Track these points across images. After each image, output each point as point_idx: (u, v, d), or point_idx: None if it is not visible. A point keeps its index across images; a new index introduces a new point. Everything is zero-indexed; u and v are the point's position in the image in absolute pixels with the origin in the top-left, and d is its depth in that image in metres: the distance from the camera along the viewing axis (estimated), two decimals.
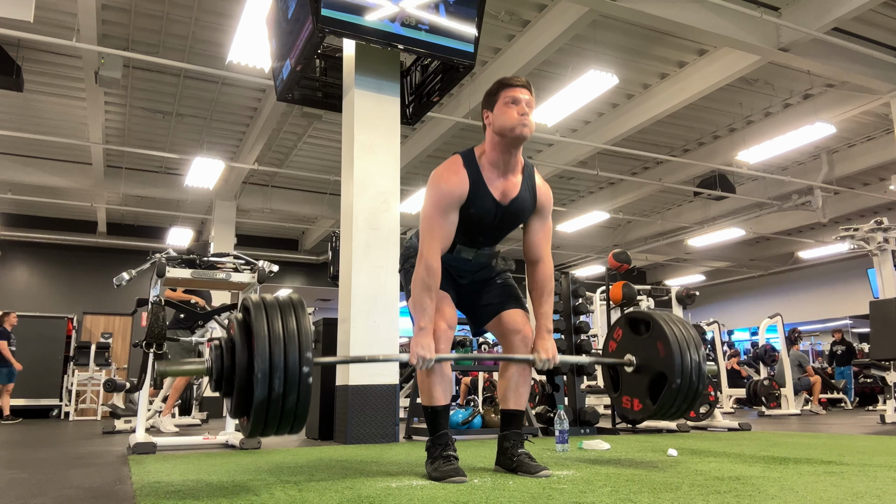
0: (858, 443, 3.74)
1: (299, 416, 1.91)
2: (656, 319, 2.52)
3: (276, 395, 1.84)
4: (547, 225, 2.51)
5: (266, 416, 1.86)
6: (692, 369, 2.39)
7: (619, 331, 2.69)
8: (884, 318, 5.91)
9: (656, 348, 2.47)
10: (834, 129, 8.34)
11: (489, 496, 1.86)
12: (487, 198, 2.35)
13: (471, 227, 2.40)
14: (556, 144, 9.76)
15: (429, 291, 2.27)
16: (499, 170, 2.38)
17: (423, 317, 2.26)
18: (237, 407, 1.97)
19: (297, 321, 1.95)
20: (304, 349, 1.90)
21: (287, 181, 11.22)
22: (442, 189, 2.31)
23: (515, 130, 2.29)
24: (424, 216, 2.34)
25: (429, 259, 2.27)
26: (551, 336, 2.44)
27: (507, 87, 2.34)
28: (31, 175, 9.83)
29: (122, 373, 11.92)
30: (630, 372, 2.56)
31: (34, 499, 2.03)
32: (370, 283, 4.55)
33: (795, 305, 15.78)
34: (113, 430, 5.95)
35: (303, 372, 1.88)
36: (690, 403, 2.45)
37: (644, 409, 2.49)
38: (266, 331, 1.90)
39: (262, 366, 1.84)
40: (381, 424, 4.36)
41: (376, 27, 4.32)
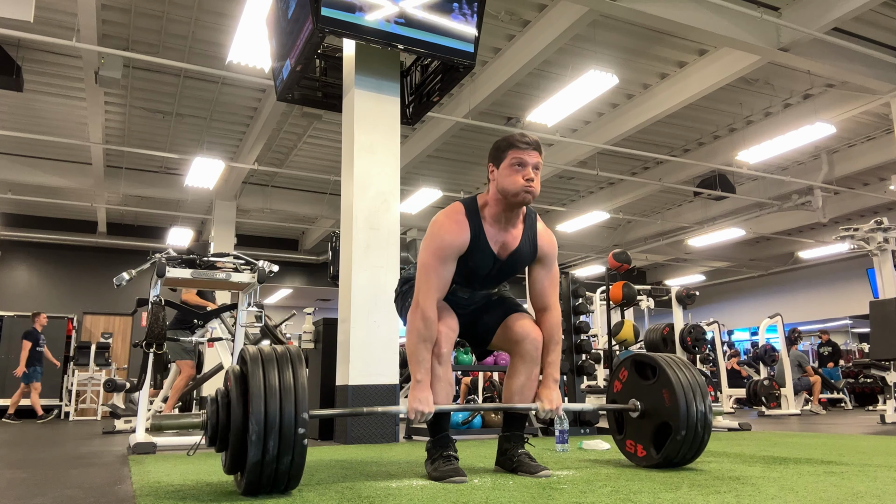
0: (858, 443, 3.74)
1: (293, 478, 1.89)
2: (662, 367, 2.47)
3: (270, 457, 1.82)
4: (552, 273, 2.46)
5: (260, 478, 1.85)
6: (698, 420, 2.36)
7: (625, 372, 2.65)
8: (884, 318, 5.91)
9: (661, 396, 2.44)
10: (834, 129, 8.34)
11: (489, 496, 1.86)
12: (486, 252, 2.33)
13: (468, 276, 2.38)
14: (556, 144, 9.76)
15: (425, 343, 2.24)
16: (500, 224, 2.34)
17: (420, 369, 2.23)
18: (231, 464, 1.96)
19: (294, 376, 1.91)
20: (301, 408, 1.87)
21: (287, 181, 11.22)
22: (444, 239, 2.28)
23: (518, 196, 2.26)
24: (423, 264, 2.30)
25: (425, 310, 2.24)
26: (556, 386, 2.39)
27: (515, 149, 2.28)
28: (31, 175, 9.83)
29: (122, 373, 11.93)
30: (635, 417, 2.53)
31: (34, 499, 2.03)
32: (370, 283, 4.55)
33: (795, 305, 15.78)
34: (113, 430, 5.95)
35: (298, 433, 1.85)
36: (696, 453, 2.44)
37: (648, 458, 2.47)
38: (262, 388, 1.86)
39: (256, 427, 1.81)
40: (381, 424, 4.36)
41: (376, 27, 4.32)
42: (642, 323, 11.11)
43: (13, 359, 10.41)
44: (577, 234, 13.47)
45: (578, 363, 5.13)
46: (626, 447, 2.60)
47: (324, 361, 4.90)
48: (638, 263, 15.47)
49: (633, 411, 2.53)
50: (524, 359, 2.40)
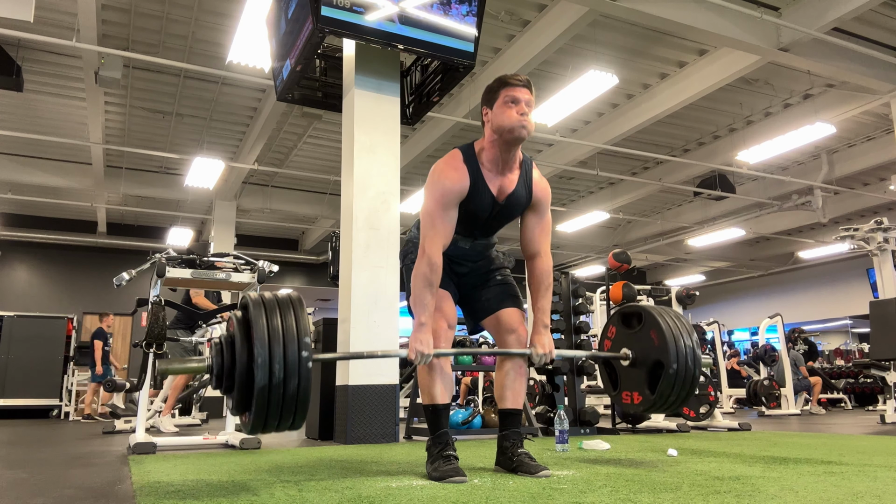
0: (858, 443, 3.74)
1: (301, 404, 1.92)
2: (648, 311, 2.56)
3: (276, 380, 1.86)
4: (544, 220, 2.51)
5: (268, 406, 1.88)
6: (687, 354, 2.44)
7: (613, 328, 2.71)
8: (884, 318, 5.91)
9: (650, 338, 2.51)
10: (834, 129, 8.34)
11: (489, 496, 1.86)
12: (486, 194, 2.37)
13: (467, 221, 2.42)
14: (556, 144, 9.76)
15: (430, 287, 2.27)
16: (497, 167, 2.39)
17: (423, 312, 2.27)
18: (238, 403, 1.98)
19: (295, 316, 1.97)
20: (303, 332, 1.93)
21: (287, 181, 11.23)
22: (444, 185, 2.32)
23: (514, 132, 2.30)
24: (426, 212, 2.34)
25: (431, 255, 2.27)
26: (548, 331, 2.44)
27: (508, 87, 2.34)
28: (31, 175, 9.83)
29: (122, 373, 11.92)
30: (627, 366, 2.59)
31: (34, 499, 2.03)
32: (370, 283, 4.55)
33: (795, 305, 15.78)
34: (113, 430, 5.95)
35: (302, 356, 1.90)
36: (689, 390, 2.48)
37: (644, 401, 2.52)
38: (265, 323, 1.92)
39: (261, 352, 1.86)
40: (381, 424, 4.36)
41: (376, 27, 4.32)
42: None
43: (13, 359, 10.42)
44: (577, 234, 13.47)
45: (578, 363, 5.12)
46: (622, 399, 2.65)
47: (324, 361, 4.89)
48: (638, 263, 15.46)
49: (624, 360, 2.60)
50: (511, 344, 2.47)
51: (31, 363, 10.48)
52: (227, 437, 4.12)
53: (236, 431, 4.23)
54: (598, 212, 11.82)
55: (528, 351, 2.41)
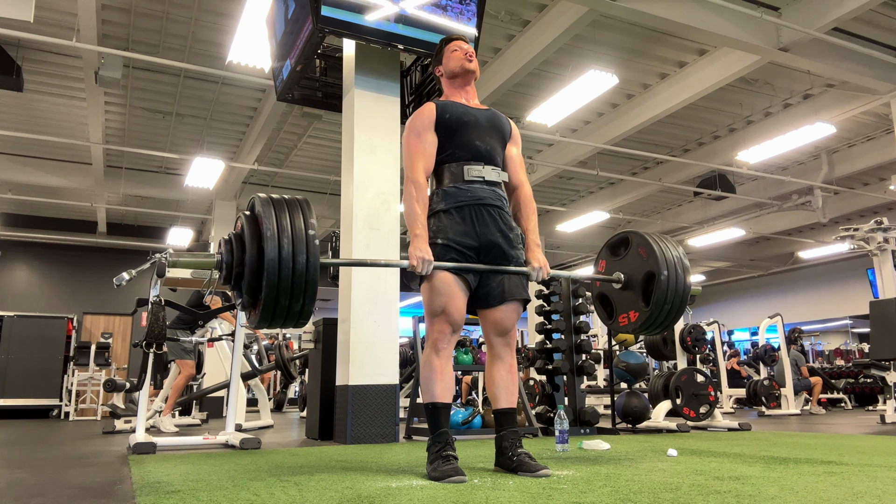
0: (858, 443, 3.74)
1: (310, 283, 1.98)
2: (633, 233, 2.75)
3: (286, 253, 1.92)
4: (520, 154, 2.74)
5: (278, 281, 1.92)
6: (676, 262, 2.60)
7: (603, 262, 2.85)
8: (884, 318, 5.91)
9: (639, 255, 2.66)
10: (834, 129, 8.34)
11: (489, 496, 1.86)
12: (458, 105, 2.60)
13: (459, 133, 2.54)
14: (556, 144, 9.76)
15: (418, 202, 2.40)
16: (460, 97, 2.66)
17: (417, 224, 2.37)
18: (249, 289, 2.03)
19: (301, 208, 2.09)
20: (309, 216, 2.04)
21: (287, 181, 11.22)
22: (413, 120, 2.55)
23: (463, 65, 2.63)
24: (405, 149, 2.53)
25: (415, 178, 2.43)
26: (540, 249, 2.57)
27: (449, 42, 2.71)
28: (31, 175, 9.82)
29: (122, 373, 11.92)
30: (620, 289, 2.70)
31: (34, 499, 2.03)
32: (370, 283, 4.55)
33: (795, 305, 15.79)
34: (113, 430, 5.95)
35: (309, 234, 1.99)
36: (682, 299, 2.60)
37: (641, 316, 2.63)
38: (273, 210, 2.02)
39: (270, 226, 1.94)
40: (381, 424, 4.36)
41: (376, 27, 4.32)
42: None
43: (13, 359, 10.42)
44: (577, 234, 13.47)
45: (578, 363, 5.13)
46: (619, 323, 2.76)
47: (324, 361, 4.89)
48: None
49: (617, 283, 2.72)
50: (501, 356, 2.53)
51: (31, 363, 10.49)
52: (227, 437, 4.12)
53: (236, 431, 4.23)
54: (598, 212, 11.82)
55: (526, 269, 2.49)
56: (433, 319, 2.41)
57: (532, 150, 10.10)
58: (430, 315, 2.42)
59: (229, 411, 4.39)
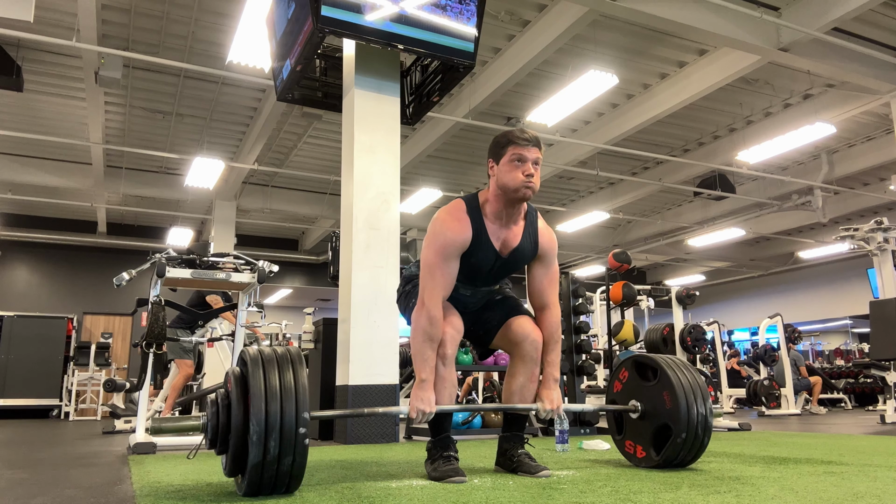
0: (858, 443, 3.74)
1: (295, 478, 1.89)
2: (664, 368, 2.46)
3: (271, 457, 1.81)
4: (551, 271, 2.46)
5: (261, 479, 1.84)
6: (698, 423, 2.35)
7: (625, 372, 2.64)
8: (884, 318, 5.91)
9: (662, 398, 2.43)
10: (834, 129, 8.34)
11: (489, 496, 1.86)
12: (489, 248, 2.33)
13: (470, 273, 2.38)
14: (556, 144, 9.76)
15: (431, 342, 2.24)
16: (501, 220, 2.34)
17: (425, 368, 2.22)
18: (232, 466, 1.95)
19: (294, 377, 1.91)
20: (301, 409, 1.86)
21: (287, 181, 11.22)
22: (446, 237, 2.28)
23: (519, 193, 2.26)
24: (426, 263, 2.29)
25: (431, 309, 2.23)
26: (557, 385, 2.40)
27: (515, 145, 2.28)
28: (31, 175, 9.83)
29: (122, 373, 11.92)
30: (635, 418, 2.53)
31: (34, 499, 2.03)
32: (370, 283, 4.55)
33: (795, 305, 15.78)
34: (113, 430, 5.95)
35: (299, 433, 1.84)
36: (696, 455, 2.44)
37: (647, 459, 2.47)
38: (262, 388, 1.85)
39: (257, 428, 1.80)
40: (381, 424, 4.36)
41: (376, 27, 4.32)
42: (642, 323, 11.12)
43: (13, 359, 10.42)
44: (577, 234, 13.46)
45: (578, 363, 5.13)
46: (625, 448, 2.60)
47: (324, 361, 4.89)
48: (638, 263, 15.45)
49: (633, 412, 2.52)
50: (524, 359, 2.40)
51: (31, 363, 10.48)
52: None
53: None
54: (598, 212, 11.82)
55: (534, 406, 2.36)
56: None
57: None
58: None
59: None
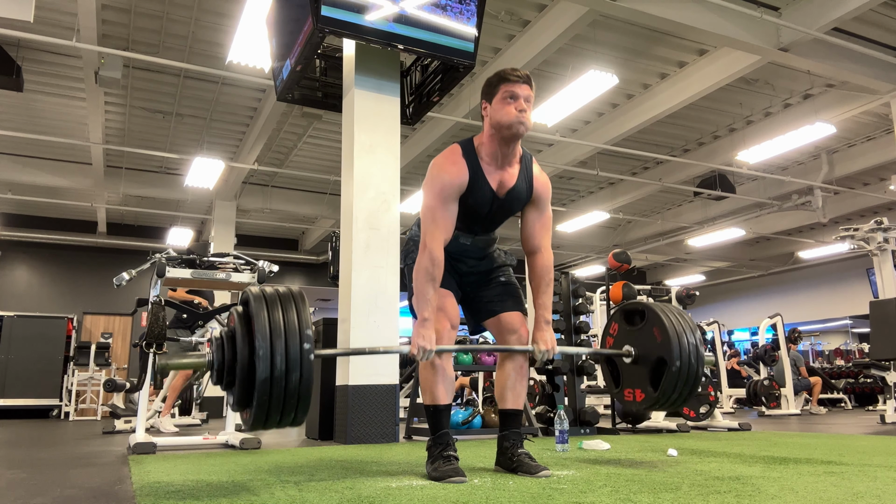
0: (858, 443, 3.74)
1: (302, 398, 1.90)
2: (650, 307, 2.54)
3: (278, 373, 1.84)
4: (545, 215, 2.51)
5: (269, 400, 1.86)
6: (690, 351, 2.41)
7: (615, 325, 2.69)
8: (884, 318, 5.91)
9: (653, 335, 2.48)
10: (834, 129, 8.34)
11: (489, 496, 1.86)
12: (485, 189, 2.37)
13: (467, 217, 2.41)
14: (556, 144, 9.76)
15: (432, 282, 2.27)
16: (496, 161, 2.39)
17: (426, 308, 2.26)
18: (240, 398, 1.96)
19: (297, 310, 1.96)
20: (304, 325, 1.91)
21: (287, 181, 11.22)
22: (443, 179, 2.33)
23: (512, 128, 2.32)
24: (426, 207, 2.33)
25: (433, 250, 2.26)
26: (550, 328, 2.44)
27: (507, 82, 2.35)
28: (31, 175, 9.82)
29: (122, 373, 11.92)
30: (629, 363, 2.57)
31: (34, 499, 2.03)
32: (370, 283, 4.55)
33: (795, 305, 15.77)
34: (113, 430, 5.95)
35: (304, 349, 1.88)
36: (692, 388, 2.46)
37: (647, 399, 2.50)
38: (266, 316, 1.91)
39: (262, 344, 1.84)
40: (381, 424, 4.36)
41: (376, 27, 4.32)
42: None
43: (13, 359, 10.42)
44: (577, 234, 13.47)
45: (578, 363, 5.12)
46: (624, 396, 2.63)
47: (324, 361, 4.89)
48: (638, 263, 15.46)
49: (626, 357, 2.57)
50: (511, 354, 2.48)
51: (31, 363, 10.48)
52: (227, 437, 4.12)
53: (236, 431, 4.23)
54: (598, 212, 11.82)
55: (530, 347, 2.41)
56: None
57: (532, 150, 10.09)
58: None
59: (229, 411, 4.39)
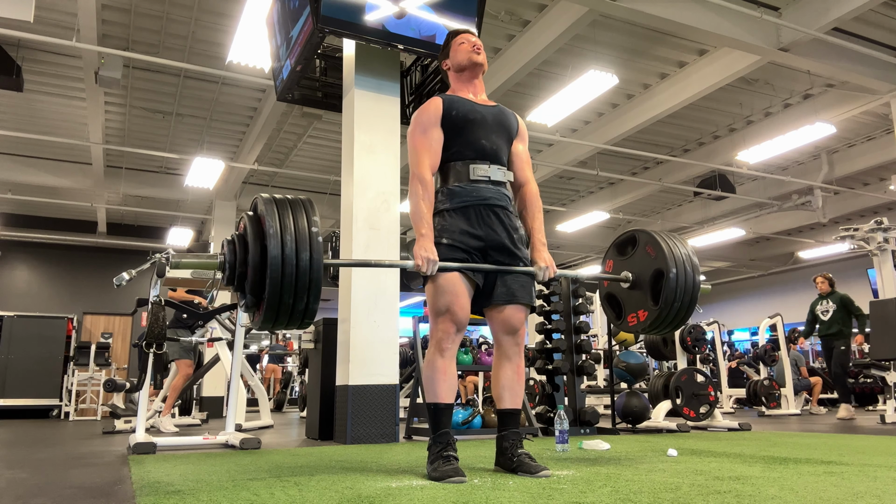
0: (858, 443, 3.74)
1: (314, 280, 1.98)
2: (640, 231, 2.71)
3: (289, 250, 1.93)
4: (526, 151, 2.69)
5: (281, 280, 1.93)
6: (684, 260, 2.56)
7: (610, 262, 2.82)
8: (884, 318, 5.91)
9: (647, 254, 2.62)
10: (834, 129, 8.34)
11: (489, 496, 1.86)
12: (464, 101, 2.56)
13: (465, 131, 2.51)
14: (556, 144, 9.76)
15: (424, 201, 2.39)
16: (468, 92, 2.63)
17: (423, 224, 2.35)
18: (252, 288, 2.04)
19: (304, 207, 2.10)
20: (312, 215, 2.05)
21: (287, 181, 11.23)
22: (419, 116, 2.52)
23: (471, 58, 2.58)
24: (410, 145, 2.50)
25: (421, 174, 2.41)
26: (546, 248, 2.55)
27: (456, 35, 2.66)
28: (31, 175, 9.82)
29: (122, 373, 11.92)
30: (628, 289, 2.67)
31: (34, 499, 2.03)
32: (370, 283, 4.55)
33: (795, 305, 15.74)
34: (113, 430, 5.95)
35: (312, 231, 2.00)
36: (692, 297, 2.56)
37: (650, 315, 2.60)
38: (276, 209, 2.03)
39: (272, 224, 1.96)
40: (381, 424, 4.36)
41: (376, 27, 4.32)
42: None
43: (13, 359, 10.42)
44: (577, 234, 13.47)
45: (578, 363, 5.12)
46: (628, 322, 2.73)
47: (324, 361, 4.89)
48: None
49: (625, 282, 2.69)
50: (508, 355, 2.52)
51: (31, 363, 10.48)
52: (227, 437, 4.12)
53: (236, 431, 4.23)
54: (598, 212, 11.82)
55: (532, 269, 2.47)
56: (437, 318, 2.39)
57: (532, 150, 10.09)
58: (435, 314, 2.41)
59: (229, 411, 4.39)
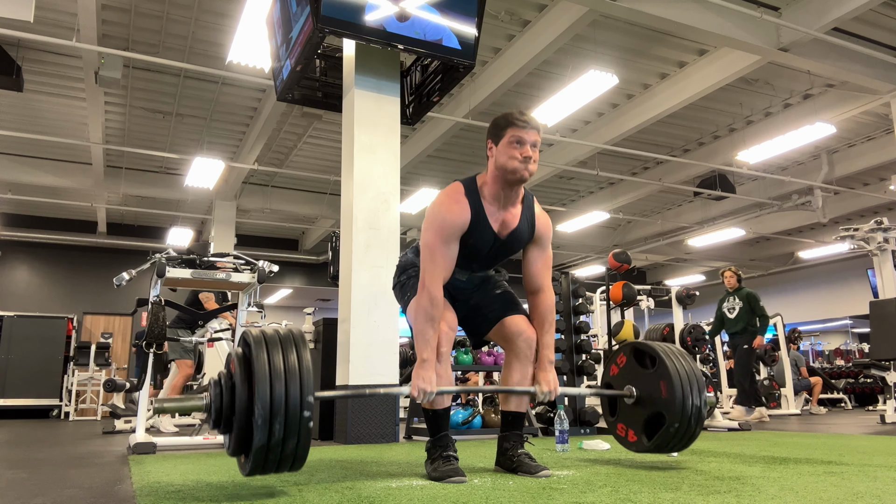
0: (858, 443, 3.74)
1: (299, 459, 1.89)
2: (662, 357, 2.46)
3: (275, 440, 1.80)
4: (546, 254, 2.49)
5: (265, 461, 1.84)
6: (692, 414, 2.38)
7: (623, 357, 2.65)
8: (884, 318, 5.91)
9: (658, 387, 2.44)
10: (834, 129, 8.34)
11: (489, 496, 1.86)
12: (487, 230, 2.34)
13: (467, 256, 2.38)
14: (556, 144, 9.75)
15: (432, 322, 2.24)
16: (499, 202, 2.36)
17: (426, 348, 2.23)
18: (236, 446, 1.94)
19: (298, 357, 1.90)
20: (306, 391, 1.85)
21: (287, 181, 11.22)
22: (445, 218, 2.29)
23: (517, 174, 2.28)
24: (426, 245, 2.30)
25: (431, 289, 2.24)
26: (553, 368, 2.42)
27: (514, 127, 2.30)
28: (31, 175, 9.82)
29: (122, 373, 11.92)
30: (630, 403, 2.55)
31: (34, 499, 2.03)
32: (370, 283, 4.55)
33: (795, 305, 15.78)
34: (113, 430, 5.95)
35: (304, 416, 1.83)
36: (686, 444, 2.48)
37: (638, 444, 2.51)
38: (267, 369, 1.84)
39: (262, 411, 1.79)
40: (381, 424, 4.36)
41: (376, 27, 4.32)
42: (642, 323, 11.12)
43: (13, 359, 10.42)
44: (577, 234, 13.47)
45: (578, 363, 5.13)
46: (617, 430, 2.64)
47: (324, 361, 4.89)
48: (638, 263, 15.47)
49: (628, 398, 2.56)
50: (518, 357, 2.43)
51: (31, 363, 10.48)
52: None
53: None
54: (598, 212, 11.82)
55: (532, 389, 2.39)
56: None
57: None
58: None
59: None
